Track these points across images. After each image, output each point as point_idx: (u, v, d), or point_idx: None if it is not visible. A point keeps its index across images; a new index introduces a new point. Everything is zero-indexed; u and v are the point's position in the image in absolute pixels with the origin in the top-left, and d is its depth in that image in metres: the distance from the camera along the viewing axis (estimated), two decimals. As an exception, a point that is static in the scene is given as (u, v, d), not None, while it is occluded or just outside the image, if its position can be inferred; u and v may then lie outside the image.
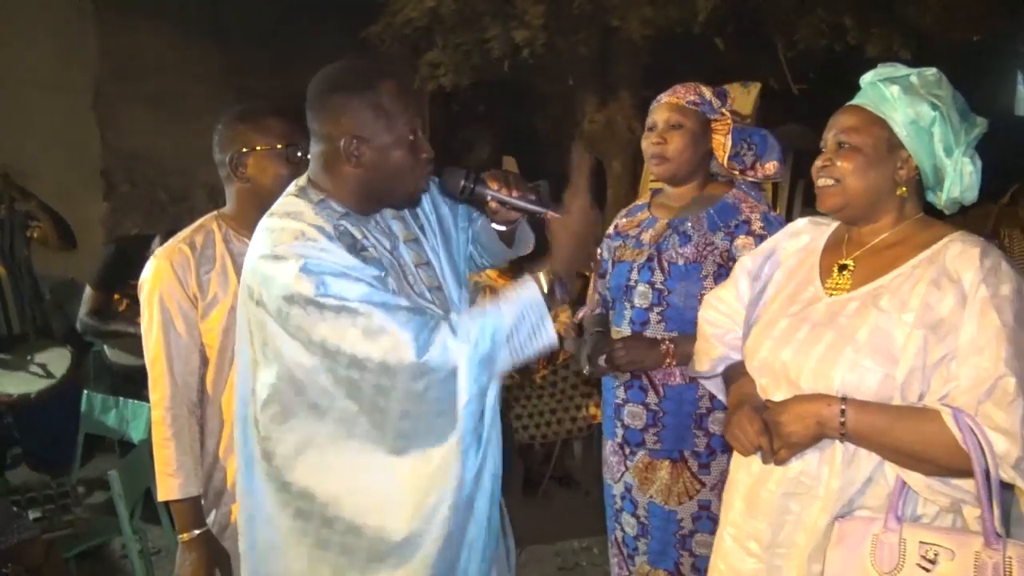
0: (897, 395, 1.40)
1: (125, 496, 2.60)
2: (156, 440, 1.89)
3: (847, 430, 1.40)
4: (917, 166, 1.51)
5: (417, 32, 6.23)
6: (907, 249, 1.51)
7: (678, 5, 5.53)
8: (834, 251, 1.62)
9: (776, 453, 1.48)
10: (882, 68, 1.56)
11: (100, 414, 3.24)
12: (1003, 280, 1.39)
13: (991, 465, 1.31)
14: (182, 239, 1.94)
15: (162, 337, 1.87)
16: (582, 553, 3.76)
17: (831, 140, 1.56)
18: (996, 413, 1.31)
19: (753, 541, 1.56)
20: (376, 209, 1.61)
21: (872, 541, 1.40)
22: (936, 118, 1.48)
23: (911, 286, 1.44)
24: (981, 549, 1.33)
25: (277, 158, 1.91)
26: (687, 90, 2.20)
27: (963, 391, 1.35)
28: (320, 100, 1.53)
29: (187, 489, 1.87)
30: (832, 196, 1.54)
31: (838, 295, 1.53)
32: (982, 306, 1.36)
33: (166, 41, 6.82)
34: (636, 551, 2.26)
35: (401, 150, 1.52)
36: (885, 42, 5.89)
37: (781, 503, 1.52)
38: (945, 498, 1.40)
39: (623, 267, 2.28)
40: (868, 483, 1.45)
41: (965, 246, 1.45)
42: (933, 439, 1.34)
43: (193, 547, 1.87)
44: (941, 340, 1.38)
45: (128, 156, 6.82)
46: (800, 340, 1.51)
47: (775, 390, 1.55)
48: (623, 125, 6.65)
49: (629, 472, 2.25)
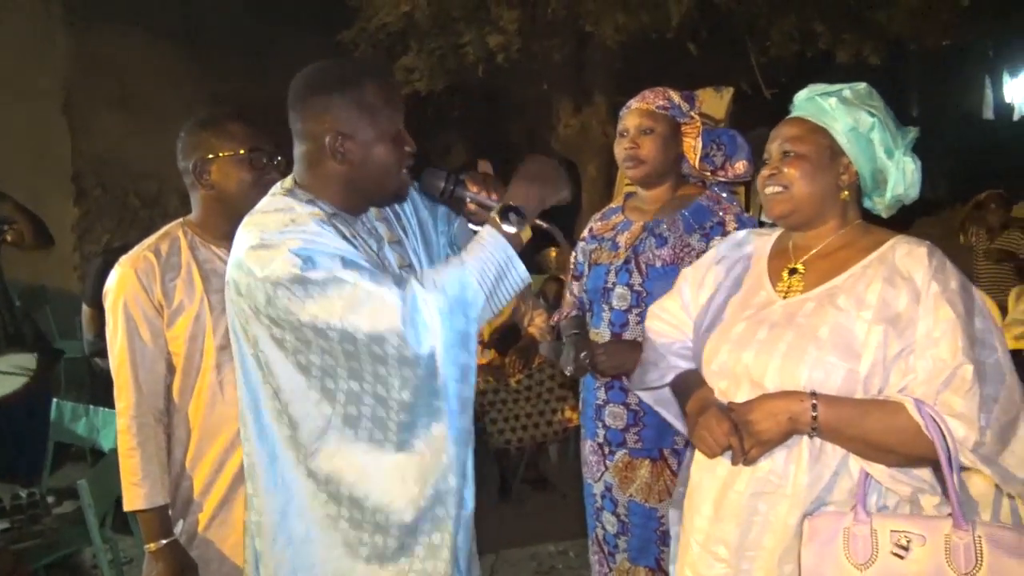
0: (860, 389, 1.45)
1: (95, 505, 2.56)
2: (121, 449, 1.86)
3: (819, 424, 1.44)
4: (857, 172, 1.58)
5: (392, 37, 6.24)
6: (854, 252, 1.57)
7: (651, 11, 5.58)
8: (781, 257, 1.67)
9: (747, 452, 1.50)
10: (814, 86, 1.63)
11: (70, 422, 3.19)
12: (950, 277, 1.47)
13: (952, 450, 1.36)
14: (147, 246, 1.92)
15: (127, 345, 1.85)
16: (558, 557, 3.76)
17: (776, 150, 1.61)
18: (955, 400, 1.37)
19: (721, 546, 1.57)
20: (364, 208, 1.61)
21: (844, 535, 1.43)
22: (875, 124, 1.55)
23: (865, 285, 1.50)
24: (951, 532, 1.38)
25: (240, 164, 1.89)
26: (656, 95, 2.24)
27: (921, 382, 1.41)
28: (303, 99, 1.53)
29: (153, 499, 1.84)
30: (781, 203, 1.59)
31: (792, 297, 1.58)
32: (935, 301, 1.43)
33: (137, 44, 6.75)
34: (617, 548, 2.29)
35: (385, 145, 1.53)
36: (855, 48, 6.00)
37: (749, 504, 1.53)
38: (906, 487, 1.45)
39: (600, 269, 2.30)
40: (835, 478, 1.48)
41: (912, 246, 1.53)
42: (898, 429, 1.40)
43: (160, 557, 1.85)
44: (900, 334, 1.44)
45: (99, 161, 6.74)
46: (761, 341, 1.55)
47: (736, 392, 1.57)
48: (597, 129, 6.69)
49: (609, 471, 2.28)
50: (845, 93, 1.58)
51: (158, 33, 6.81)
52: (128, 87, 6.66)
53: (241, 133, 1.90)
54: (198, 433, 1.89)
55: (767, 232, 1.76)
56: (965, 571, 1.36)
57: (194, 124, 1.94)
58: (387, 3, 5.96)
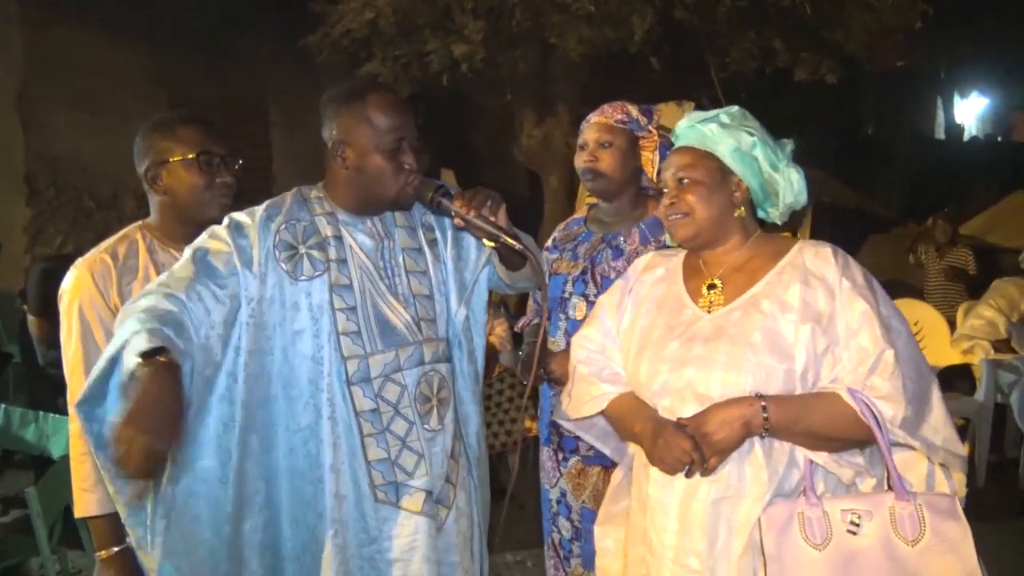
0: (798, 386, 1.55)
1: (44, 515, 2.50)
2: (74, 454, 1.82)
3: (771, 424, 1.52)
4: (748, 187, 1.69)
5: (356, 43, 6.21)
6: (764, 260, 1.67)
7: (615, 25, 5.64)
8: (695, 276, 1.74)
9: (707, 463, 1.54)
10: (692, 115, 1.74)
11: (18, 429, 3.11)
12: (855, 272, 1.61)
13: (884, 429, 1.49)
14: (104, 248, 1.89)
15: (81, 348, 1.81)
16: (516, 566, 3.77)
17: (671, 179, 1.71)
18: (881, 384, 1.50)
19: (692, 556, 1.58)
20: (368, 210, 1.75)
21: (799, 519, 1.51)
22: (755, 142, 1.67)
23: (784, 289, 1.60)
24: (894, 504, 1.50)
25: (190, 168, 1.87)
26: (615, 109, 2.28)
27: (848, 371, 1.53)
28: (324, 107, 1.74)
29: (106, 505, 1.79)
30: (684, 227, 1.69)
31: (716, 310, 1.65)
32: (848, 296, 1.56)
33: (95, 43, 6.63)
34: (571, 554, 2.32)
35: (380, 156, 1.68)
36: (813, 66, 6.12)
37: (713, 511, 1.57)
38: (848, 471, 1.55)
39: (558, 279, 2.32)
40: (788, 469, 1.56)
41: (817, 248, 1.65)
42: (838, 417, 1.51)
43: (111, 565, 1.81)
44: (824, 330, 1.55)
45: (53, 160, 6.60)
46: (699, 356, 1.60)
47: (683, 407, 1.60)
48: (560, 141, 6.73)
49: (563, 478, 2.30)
50: (722, 118, 1.69)
51: (117, 32, 6.69)
52: (85, 86, 6.53)
53: (191, 136, 1.88)
54: None
55: (671, 253, 1.84)
56: (912, 538, 1.49)
57: (146, 128, 1.92)
58: (352, 9, 5.93)
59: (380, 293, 1.71)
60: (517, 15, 5.77)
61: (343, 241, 1.71)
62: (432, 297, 1.77)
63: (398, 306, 1.72)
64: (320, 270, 1.66)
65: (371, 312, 1.69)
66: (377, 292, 1.71)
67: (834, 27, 6.09)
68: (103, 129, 6.31)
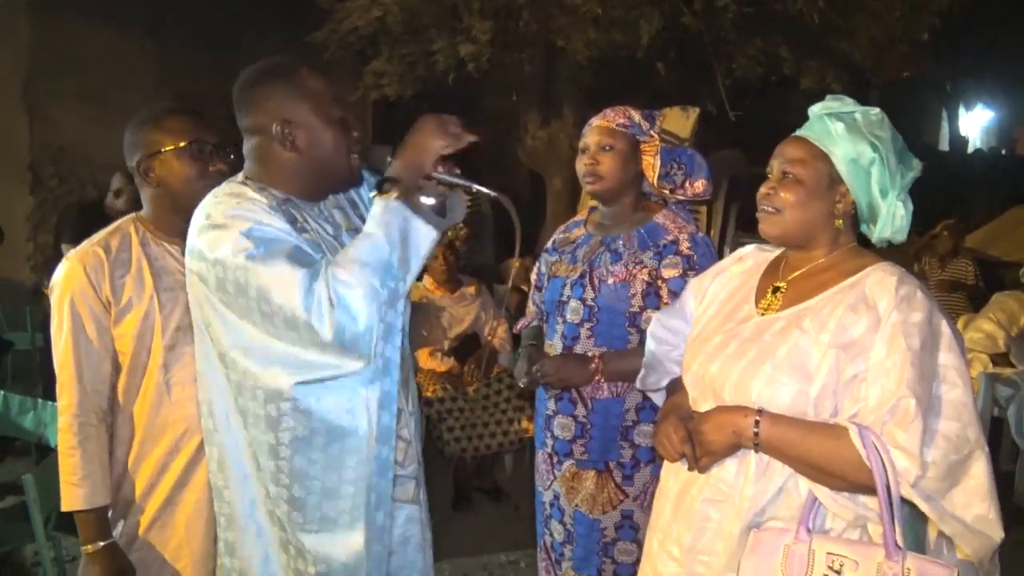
0: (811, 410, 1.47)
1: (40, 501, 2.51)
2: (62, 448, 1.81)
3: (760, 440, 1.47)
4: (854, 200, 1.57)
5: (363, 41, 6.21)
6: (835, 275, 1.57)
7: (622, 29, 5.64)
8: (772, 274, 1.69)
9: (699, 461, 1.55)
10: (830, 101, 1.62)
11: (17, 415, 3.12)
12: (915, 308, 1.45)
13: (892, 482, 1.37)
14: (96, 241, 1.88)
15: (71, 342, 1.81)
16: (509, 567, 3.77)
17: (777, 168, 1.60)
18: (898, 432, 1.37)
19: (676, 546, 1.61)
20: (317, 195, 1.63)
21: (784, 551, 1.46)
22: (875, 159, 1.54)
23: (831, 309, 1.51)
24: (883, 560, 1.40)
25: (182, 157, 1.86)
26: (617, 113, 2.27)
27: (870, 410, 1.41)
28: (246, 95, 1.58)
29: (93, 499, 1.80)
30: (771, 224, 1.60)
31: (768, 315, 1.60)
32: (892, 331, 1.43)
33: (101, 36, 6.64)
34: (563, 557, 2.31)
35: (331, 129, 1.57)
36: (819, 75, 6.12)
37: (702, 510, 1.57)
38: (849, 512, 1.46)
39: (556, 282, 2.33)
40: (779, 493, 1.50)
41: (884, 275, 1.52)
42: (839, 454, 1.41)
43: (97, 559, 1.81)
44: (852, 360, 1.44)
45: (57, 150, 6.61)
46: (728, 355, 1.58)
47: (703, 402, 1.62)
48: (564, 143, 6.74)
49: (557, 481, 2.30)
50: (856, 116, 1.57)
51: (123, 26, 6.70)
52: (90, 79, 6.54)
53: (181, 126, 1.88)
54: (142, 433, 1.86)
55: (770, 248, 1.76)
56: None
57: (135, 123, 1.92)
58: (359, 7, 5.94)
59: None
60: (524, 16, 5.77)
61: (309, 224, 1.57)
62: None
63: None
64: (319, 255, 1.52)
65: None
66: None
67: (841, 36, 6.09)
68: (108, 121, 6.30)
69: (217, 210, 1.49)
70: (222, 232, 1.45)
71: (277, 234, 1.46)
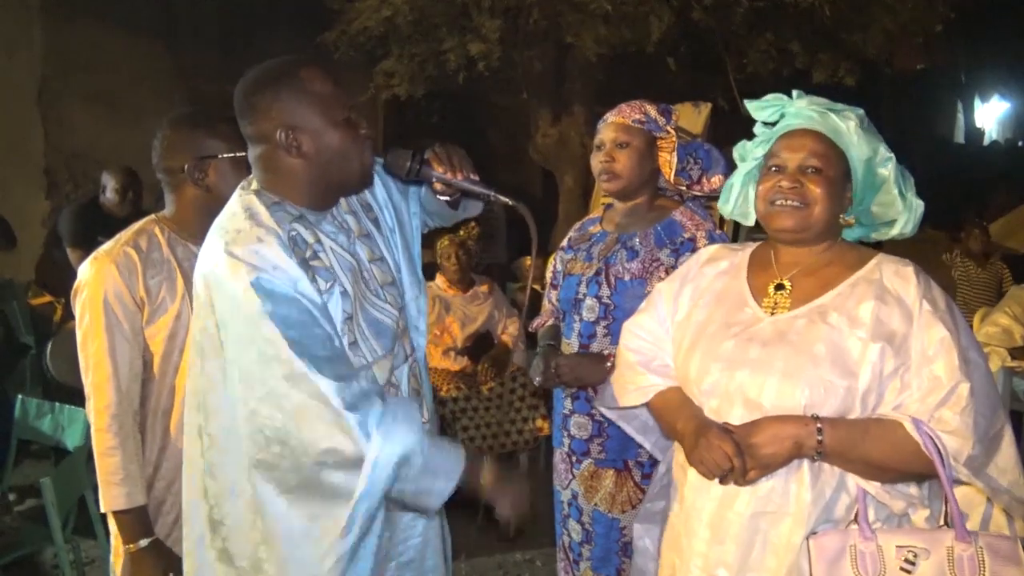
0: (857, 406, 1.45)
1: (58, 504, 2.52)
2: (100, 449, 1.80)
3: (824, 448, 1.43)
4: (851, 198, 1.58)
5: (373, 41, 6.22)
6: (840, 269, 1.56)
7: (632, 26, 5.62)
8: (762, 273, 1.65)
9: (746, 474, 1.48)
10: (818, 100, 1.60)
11: (35, 419, 3.14)
12: (937, 295, 1.50)
13: (948, 466, 1.39)
14: (125, 241, 1.87)
15: (107, 341, 1.80)
16: (524, 565, 3.77)
17: (797, 161, 1.56)
18: (951, 417, 1.39)
19: (722, 568, 1.53)
20: (332, 201, 1.58)
21: (851, 552, 1.43)
22: (891, 159, 1.55)
23: (856, 303, 1.50)
24: (953, 544, 1.40)
25: (238, 166, 1.85)
26: (632, 109, 2.24)
27: (916, 399, 1.42)
28: (247, 102, 1.51)
29: (135, 498, 1.80)
30: (796, 217, 1.55)
31: (780, 314, 1.56)
32: (928, 320, 1.45)
33: (114, 39, 6.68)
34: (581, 557, 2.30)
35: (338, 131, 1.50)
36: (831, 68, 6.08)
37: (750, 524, 1.51)
38: (901, 502, 1.46)
39: (572, 280, 2.31)
40: (836, 494, 1.48)
41: (898, 266, 1.54)
42: (898, 448, 1.41)
43: (142, 558, 1.81)
44: (896, 352, 1.44)
45: (71, 154, 6.66)
46: (754, 360, 1.52)
47: (730, 410, 1.54)
48: (576, 140, 6.72)
49: (575, 480, 2.29)
50: (861, 118, 1.56)
51: (136, 30, 6.75)
52: (104, 82, 6.59)
53: (234, 134, 1.86)
54: (173, 433, 1.86)
55: (737, 247, 1.74)
56: None
57: (181, 122, 1.90)
58: (369, 7, 5.94)
59: (364, 295, 1.55)
60: (534, 14, 5.76)
61: (323, 244, 1.52)
62: (395, 283, 1.64)
63: (379, 302, 1.58)
64: (329, 283, 1.49)
65: (363, 317, 1.54)
66: (362, 293, 1.55)
67: (853, 29, 6.04)
68: (121, 124, 6.37)
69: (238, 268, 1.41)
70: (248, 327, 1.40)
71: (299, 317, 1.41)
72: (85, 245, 1.83)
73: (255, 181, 1.56)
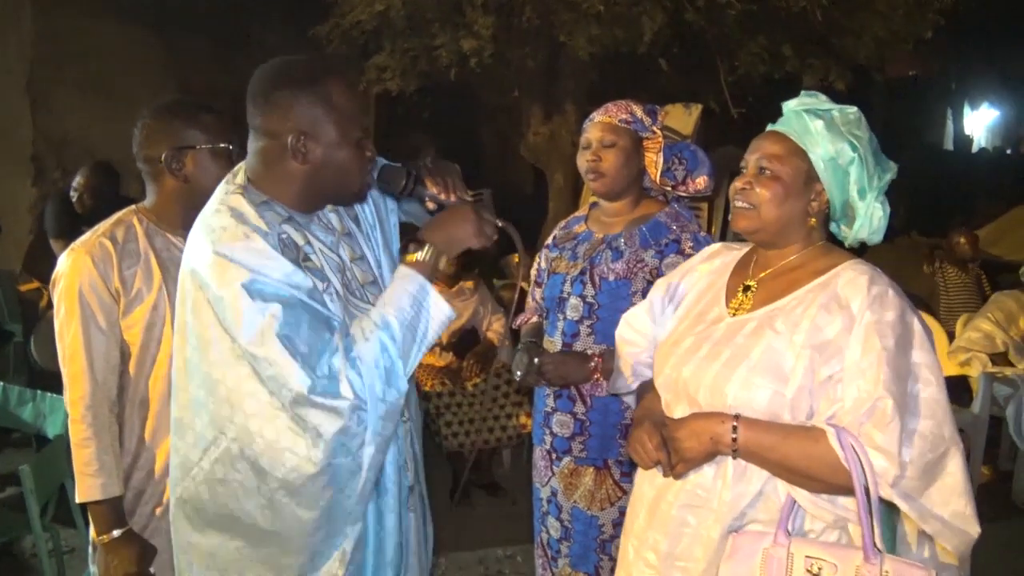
0: (787, 412, 1.46)
1: (37, 492, 2.52)
2: (75, 440, 1.81)
3: (738, 446, 1.46)
4: (828, 199, 1.57)
5: (365, 35, 6.21)
6: (805, 274, 1.56)
7: (624, 26, 5.63)
8: (741, 272, 1.67)
9: (674, 468, 1.53)
10: (806, 97, 1.60)
11: (16, 407, 3.13)
12: (887, 307, 1.45)
13: (871, 483, 1.36)
14: (102, 232, 1.87)
15: (81, 333, 1.80)
16: (505, 561, 3.78)
17: (753, 163, 1.59)
18: (875, 434, 1.37)
19: (651, 552, 1.59)
20: (320, 207, 1.58)
21: (762, 555, 1.45)
22: (855, 159, 1.53)
23: (803, 309, 1.50)
24: (861, 563, 1.39)
25: (217, 157, 1.86)
26: (619, 109, 2.25)
27: (847, 411, 1.40)
28: (265, 94, 1.47)
29: (109, 489, 1.81)
30: (746, 219, 1.59)
31: (740, 315, 1.58)
32: (866, 331, 1.42)
33: (105, 26, 6.64)
34: (559, 553, 2.31)
35: (348, 148, 1.49)
36: (822, 72, 6.12)
37: (679, 515, 1.56)
38: (828, 514, 1.45)
39: (557, 279, 2.32)
40: (759, 497, 1.49)
41: (855, 274, 1.51)
42: (817, 457, 1.40)
43: (115, 547, 1.81)
44: (826, 361, 1.44)
45: (60, 142, 6.61)
46: (701, 357, 1.56)
47: (676, 405, 1.60)
48: (567, 139, 6.73)
49: (555, 477, 2.30)
50: (834, 114, 1.56)
51: (128, 18, 6.70)
52: (94, 70, 6.55)
53: (216, 125, 1.87)
54: (152, 423, 1.86)
55: (738, 246, 1.76)
56: None
57: (162, 111, 1.90)
58: (362, 1, 5.94)
59: (347, 296, 1.54)
60: (527, 12, 5.77)
61: (313, 246, 1.51)
62: (376, 281, 1.64)
63: (360, 303, 1.56)
64: (323, 284, 1.48)
65: (347, 318, 1.51)
66: (346, 294, 1.54)
67: (844, 34, 6.07)
68: (111, 113, 6.33)
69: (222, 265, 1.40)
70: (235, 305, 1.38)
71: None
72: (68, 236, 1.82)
73: (244, 172, 1.54)
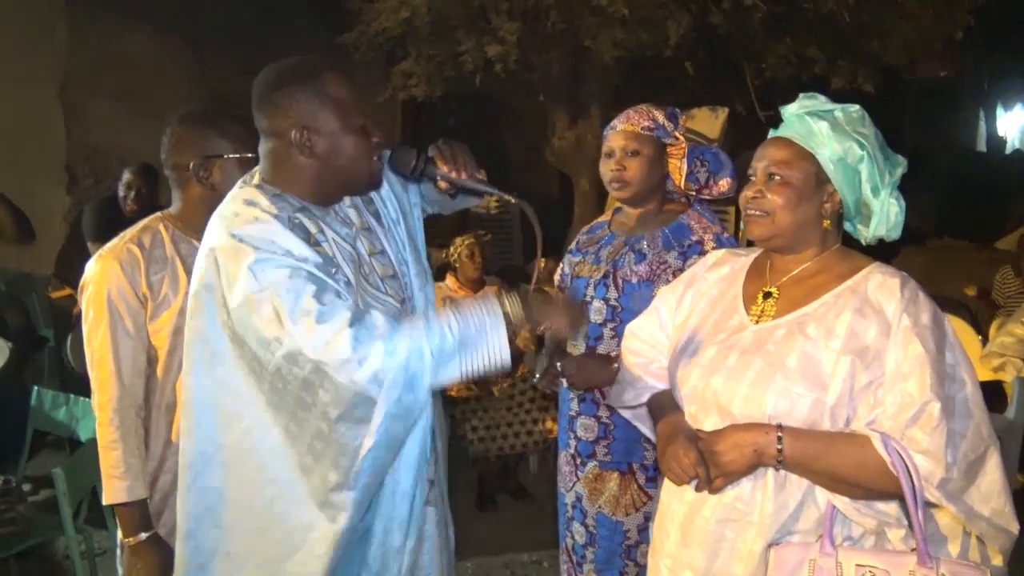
0: (827, 420, 1.43)
1: (69, 495, 2.56)
2: (103, 443, 1.84)
3: (784, 457, 1.42)
4: (841, 200, 1.56)
5: (391, 42, 6.25)
6: (829, 278, 1.55)
7: (649, 29, 5.61)
8: (757, 279, 1.65)
9: (712, 482, 1.49)
10: (805, 100, 1.59)
11: (50, 410, 3.19)
12: (922, 309, 1.44)
13: (918, 487, 1.35)
14: (129, 238, 1.90)
15: (109, 338, 1.83)
16: (531, 566, 3.77)
17: (762, 171, 1.57)
18: (922, 437, 1.35)
19: (688, 571, 1.55)
20: (336, 199, 1.62)
21: (809, 566, 1.42)
22: (863, 157, 1.52)
23: (836, 315, 1.48)
24: (915, 568, 1.37)
25: (245, 166, 1.85)
26: (640, 115, 2.24)
27: (889, 416, 1.39)
28: (266, 96, 1.54)
29: (135, 492, 1.84)
30: (761, 227, 1.57)
31: (764, 322, 1.56)
32: (905, 335, 1.41)
33: (137, 36, 6.75)
34: (584, 559, 2.30)
35: (352, 136, 1.54)
36: (850, 75, 6.04)
37: (716, 530, 1.52)
38: (871, 520, 1.44)
39: (580, 282, 2.32)
40: (801, 507, 1.47)
41: (885, 277, 1.50)
42: (864, 464, 1.38)
43: (141, 551, 1.84)
44: (867, 367, 1.42)
45: (93, 150, 6.73)
46: (730, 367, 1.53)
47: (705, 418, 1.56)
48: (592, 143, 6.72)
49: (580, 482, 2.29)
50: (837, 115, 1.55)
51: (159, 27, 6.82)
52: (126, 79, 6.65)
53: (243, 135, 1.88)
54: (178, 427, 1.89)
55: (744, 252, 1.75)
56: None
57: (190, 120, 1.92)
58: (388, 8, 5.98)
59: (364, 288, 1.57)
60: (552, 17, 5.77)
61: (326, 235, 1.55)
62: (396, 276, 1.66)
63: (380, 295, 1.59)
64: (333, 271, 1.50)
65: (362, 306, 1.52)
66: (363, 288, 1.56)
67: (873, 36, 6.00)
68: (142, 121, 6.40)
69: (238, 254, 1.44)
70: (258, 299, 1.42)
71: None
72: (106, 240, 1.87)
73: (259, 174, 1.59)
